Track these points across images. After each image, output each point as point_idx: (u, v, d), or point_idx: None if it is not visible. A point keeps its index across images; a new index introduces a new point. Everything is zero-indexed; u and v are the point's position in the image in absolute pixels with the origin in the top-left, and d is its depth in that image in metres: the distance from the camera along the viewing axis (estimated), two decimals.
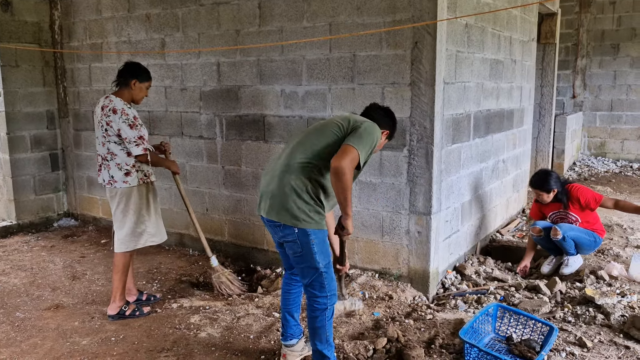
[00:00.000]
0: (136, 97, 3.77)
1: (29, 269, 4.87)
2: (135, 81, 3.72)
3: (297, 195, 2.65)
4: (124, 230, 3.79)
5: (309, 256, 2.70)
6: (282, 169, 2.71)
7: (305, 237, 2.68)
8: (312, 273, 2.75)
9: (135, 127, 3.64)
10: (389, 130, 2.97)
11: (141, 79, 3.75)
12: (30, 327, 3.68)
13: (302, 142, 2.78)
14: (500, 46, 4.98)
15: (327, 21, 4.14)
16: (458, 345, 3.19)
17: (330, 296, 2.79)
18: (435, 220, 3.98)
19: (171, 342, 3.41)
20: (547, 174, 4.49)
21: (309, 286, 2.79)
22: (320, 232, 2.72)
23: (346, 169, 2.53)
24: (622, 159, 9.98)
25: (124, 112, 3.63)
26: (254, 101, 4.65)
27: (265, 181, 2.81)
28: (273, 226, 2.76)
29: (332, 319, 2.88)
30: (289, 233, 2.69)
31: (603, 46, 9.94)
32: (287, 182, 2.66)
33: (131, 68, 3.78)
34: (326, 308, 2.79)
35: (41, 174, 6.29)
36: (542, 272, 4.47)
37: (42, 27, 6.11)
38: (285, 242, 2.76)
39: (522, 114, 5.92)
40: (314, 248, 2.69)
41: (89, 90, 5.97)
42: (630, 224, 5.55)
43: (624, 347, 3.16)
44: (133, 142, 3.63)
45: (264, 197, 2.78)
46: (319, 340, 2.84)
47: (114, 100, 3.67)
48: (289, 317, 3.08)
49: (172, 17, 5.05)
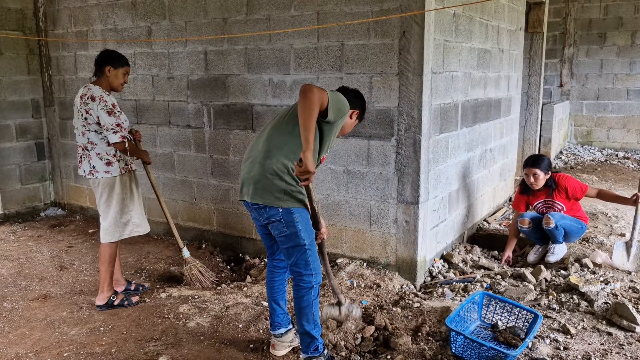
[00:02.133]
0: (113, 83, 3.72)
1: (16, 259, 4.84)
2: (110, 68, 3.68)
3: (279, 177, 2.72)
4: (107, 220, 3.77)
5: (294, 235, 2.77)
6: (262, 155, 2.76)
7: (289, 216, 2.75)
8: (297, 251, 2.80)
9: (114, 114, 3.59)
10: (359, 110, 2.99)
11: (115, 65, 3.70)
12: (17, 318, 3.67)
13: (277, 126, 2.82)
14: (488, 35, 4.99)
15: (314, 10, 4.12)
16: (444, 333, 3.24)
17: (315, 274, 2.84)
18: (423, 209, 4.01)
19: (160, 332, 3.42)
20: (542, 155, 4.55)
21: (294, 265, 2.84)
22: (303, 211, 2.81)
23: (314, 89, 2.54)
24: (607, 148, 10.08)
25: (102, 99, 3.59)
26: (241, 90, 4.63)
27: (246, 168, 2.85)
28: (257, 209, 2.81)
29: (318, 299, 2.91)
30: (273, 214, 2.76)
31: (590, 35, 9.99)
32: (268, 166, 2.72)
33: (105, 55, 3.74)
34: (312, 287, 2.84)
35: (27, 164, 6.23)
36: (528, 260, 4.53)
37: (26, 14, 6.01)
38: (270, 223, 2.81)
39: (510, 103, 5.95)
40: (298, 226, 2.76)
41: (74, 79, 5.90)
42: (614, 212, 5.63)
43: (606, 334, 3.23)
44: (111, 130, 3.60)
45: (246, 183, 2.82)
46: (306, 321, 2.87)
47: (92, 88, 3.64)
48: (275, 306, 3.11)
49: (159, 5, 4.99)
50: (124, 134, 3.66)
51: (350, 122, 2.98)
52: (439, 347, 3.12)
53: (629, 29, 9.64)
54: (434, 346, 3.13)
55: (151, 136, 5.34)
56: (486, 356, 2.88)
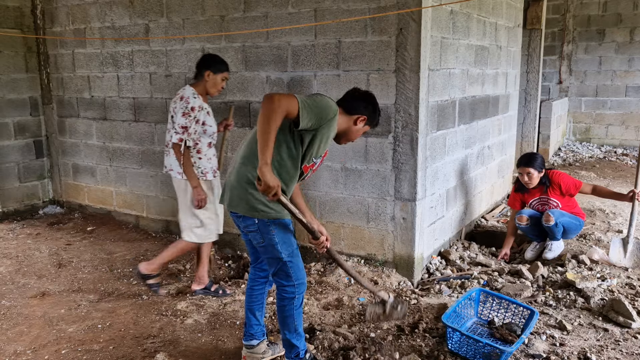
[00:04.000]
0: (210, 89, 3.71)
1: (15, 256, 4.85)
2: (210, 72, 3.66)
3: (253, 186, 2.55)
4: (181, 220, 3.83)
5: (271, 247, 2.65)
6: (240, 161, 2.66)
7: (265, 228, 2.62)
8: (276, 263, 2.69)
9: (187, 116, 3.58)
10: (366, 116, 2.73)
11: (215, 70, 3.67)
12: (16, 315, 3.68)
13: (255, 133, 2.64)
14: (486, 32, 4.99)
15: (312, 7, 4.13)
16: (441, 329, 3.25)
17: (297, 285, 2.72)
18: (420, 206, 4.01)
19: (158, 329, 3.43)
20: (535, 154, 4.57)
21: (275, 275, 2.74)
22: (281, 222, 2.64)
23: (275, 98, 2.34)
24: (606, 144, 10.09)
25: (187, 100, 3.59)
26: (239, 88, 4.64)
27: (229, 172, 2.76)
28: (235, 217, 2.72)
29: (301, 308, 2.81)
30: (250, 224, 2.65)
31: (589, 32, 9.98)
32: (243, 173, 2.61)
33: (206, 60, 3.72)
34: (294, 297, 2.73)
35: (25, 161, 6.23)
36: (526, 257, 4.54)
37: (23, 12, 6.01)
38: (248, 232, 2.71)
39: (508, 100, 5.95)
40: (275, 238, 2.63)
41: (72, 77, 5.90)
42: (612, 208, 5.64)
43: (602, 330, 3.24)
44: (173, 130, 3.62)
45: (227, 189, 2.73)
46: (288, 330, 2.80)
47: (186, 89, 3.66)
48: (250, 316, 2.98)
49: (156, 2, 4.99)
50: (184, 137, 3.60)
51: (357, 128, 2.74)
52: (436, 343, 3.13)
53: (628, 25, 9.63)
54: (431, 342, 3.14)
55: (149, 134, 5.35)
56: (482, 352, 2.89)
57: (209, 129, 3.72)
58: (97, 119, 5.79)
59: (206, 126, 3.70)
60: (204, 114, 3.67)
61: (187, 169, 3.66)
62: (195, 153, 3.71)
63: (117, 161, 5.71)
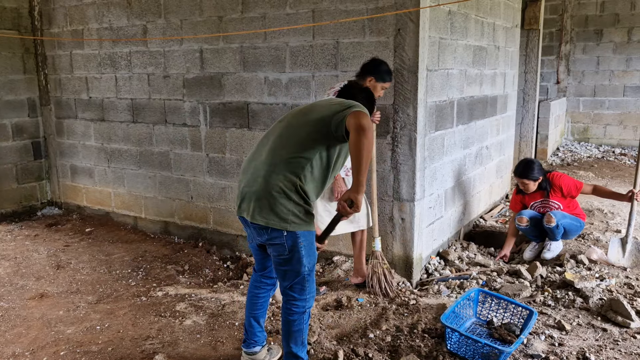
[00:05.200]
0: None
1: (13, 258, 4.84)
2: (372, 79, 3.55)
3: (286, 196, 2.44)
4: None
5: (296, 260, 2.53)
6: (267, 168, 2.48)
7: (293, 240, 2.50)
8: (294, 276, 2.58)
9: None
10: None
11: (378, 79, 3.55)
12: (14, 317, 3.67)
13: (283, 135, 2.55)
14: (484, 33, 5.00)
15: (310, 8, 4.12)
16: (440, 330, 3.24)
17: (309, 298, 2.64)
18: (419, 206, 4.01)
19: (156, 330, 3.42)
20: (531, 162, 4.53)
21: (288, 289, 2.62)
22: (310, 234, 2.56)
23: (369, 123, 2.29)
24: (604, 144, 10.10)
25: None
26: (237, 88, 4.64)
27: (246, 180, 2.57)
28: (258, 229, 2.54)
29: (309, 321, 2.74)
30: (276, 236, 2.50)
31: (587, 32, 9.99)
32: (274, 183, 2.44)
33: (373, 65, 3.59)
34: (304, 311, 2.64)
35: (23, 163, 6.22)
36: (524, 257, 4.54)
37: (21, 13, 6.00)
38: (272, 245, 2.55)
39: (506, 100, 5.96)
40: (302, 251, 2.52)
41: (70, 78, 5.89)
42: (611, 208, 5.64)
43: (601, 330, 3.24)
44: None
45: (247, 199, 2.54)
46: (294, 343, 2.68)
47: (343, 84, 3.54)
48: (254, 323, 2.88)
49: (154, 3, 4.99)
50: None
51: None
52: (435, 343, 3.13)
53: (626, 25, 9.65)
54: (430, 343, 3.14)
55: (147, 135, 5.35)
56: (481, 353, 2.89)
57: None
58: (95, 120, 5.78)
59: None
60: None
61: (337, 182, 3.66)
62: None
63: (115, 162, 5.71)
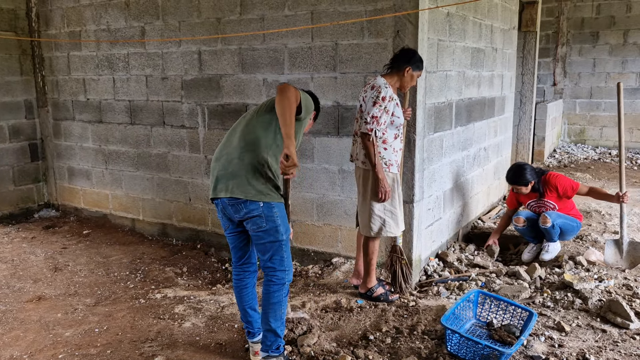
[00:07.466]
0: (404, 83, 3.59)
1: (10, 260, 4.81)
2: (410, 68, 3.52)
3: (259, 172, 2.75)
4: (364, 213, 3.68)
5: (273, 229, 2.79)
6: (240, 150, 2.79)
7: (269, 210, 2.77)
8: (274, 246, 2.81)
9: (378, 105, 3.42)
10: (316, 112, 3.07)
11: (415, 68, 3.54)
12: (12, 320, 3.65)
13: (249, 123, 2.87)
14: (482, 35, 5.01)
15: (308, 9, 4.12)
16: (440, 331, 3.24)
17: (287, 271, 2.85)
18: (418, 208, 4.01)
19: (155, 333, 3.41)
20: (522, 167, 4.53)
21: (269, 261, 2.83)
22: (281, 205, 2.85)
23: (292, 88, 2.69)
24: (601, 146, 10.14)
25: (379, 89, 3.45)
26: (236, 90, 4.63)
27: (220, 165, 2.84)
28: (235, 204, 2.78)
29: (287, 297, 2.90)
30: (254, 208, 2.76)
31: (583, 34, 10.04)
32: (248, 162, 2.76)
33: (409, 55, 3.56)
34: (284, 283, 2.84)
35: (20, 164, 6.19)
36: (523, 259, 4.54)
37: (18, 15, 5.98)
38: (249, 218, 2.79)
39: (503, 102, 5.97)
40: (277, 220, 2.79)
41: (67, 79, 5.88)
42: (608, 210, 5.66)
43: (600, 331, 3.24)
44: (362, 119, 3.50)
45: (223, 180, 2.81)
46: (274, 317, 2.84)
47: (378, 79, 3.54)
48: (250, 312, 3.03)
49: (152, 5, 4.98)
50: (372, 127, 3.42)
51: (310, 122, 3.06)
52: (435, 345, 3.12)
53: (621, 27, 9.69)
54: (430, 345, 3.14)
55: (145, 136, 5.33)
56: (481, 354, 2.89)
57: (397, 120, 3.55)
58: (92, 122, 5.77)
59: (394, 117, 3.53)
60: (393, 104, 3.50)
61: (376, 159, 3.50)
62: (381, 143, 3.55)
63: (113, 164, 5.69)
